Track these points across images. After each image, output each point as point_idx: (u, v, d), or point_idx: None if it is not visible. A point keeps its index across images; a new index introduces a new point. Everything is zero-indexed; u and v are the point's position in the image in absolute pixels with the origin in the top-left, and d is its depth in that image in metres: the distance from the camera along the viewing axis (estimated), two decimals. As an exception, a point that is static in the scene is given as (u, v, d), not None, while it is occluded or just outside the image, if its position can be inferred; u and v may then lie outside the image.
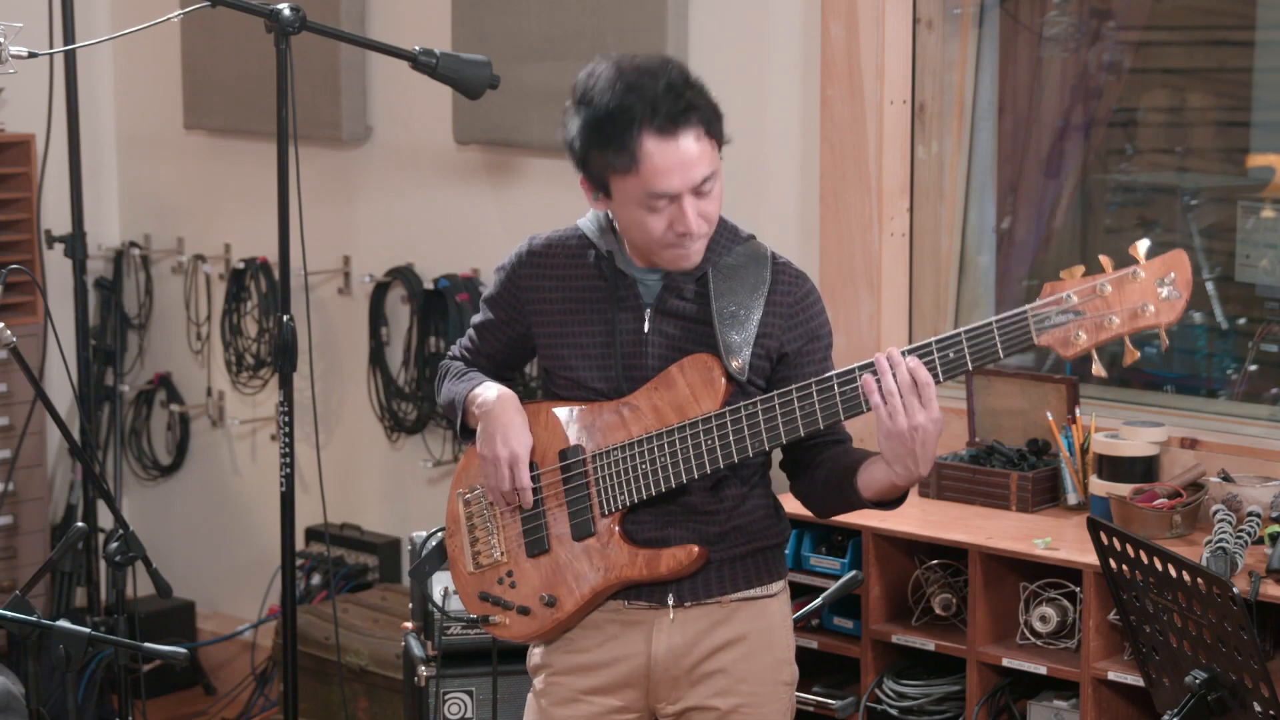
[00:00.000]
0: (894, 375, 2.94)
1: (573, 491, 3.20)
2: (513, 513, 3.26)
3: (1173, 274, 2.87)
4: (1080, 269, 2.90)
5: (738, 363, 3.11)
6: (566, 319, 3.22)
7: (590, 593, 3.20)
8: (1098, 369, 2.91)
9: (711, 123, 3.05)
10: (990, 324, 2.92)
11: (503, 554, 3.27)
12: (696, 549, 3.16)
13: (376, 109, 5.68)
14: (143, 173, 6.31)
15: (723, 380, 3.11)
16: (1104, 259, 2.90)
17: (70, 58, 5.32)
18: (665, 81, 3.02)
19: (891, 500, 3.11)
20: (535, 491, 3.23)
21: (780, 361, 3.16)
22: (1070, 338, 2.89)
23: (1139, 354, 2.88)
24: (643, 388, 3.16)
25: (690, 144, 3.02)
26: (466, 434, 3.32)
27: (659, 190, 3.03)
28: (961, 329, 2.94)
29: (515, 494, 3.22)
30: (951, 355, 2.94)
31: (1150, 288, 2.87)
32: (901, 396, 2.94)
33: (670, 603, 3.20)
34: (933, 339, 2.97)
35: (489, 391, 3.26)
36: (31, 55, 4.05)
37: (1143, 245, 2.89)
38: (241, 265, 5.92)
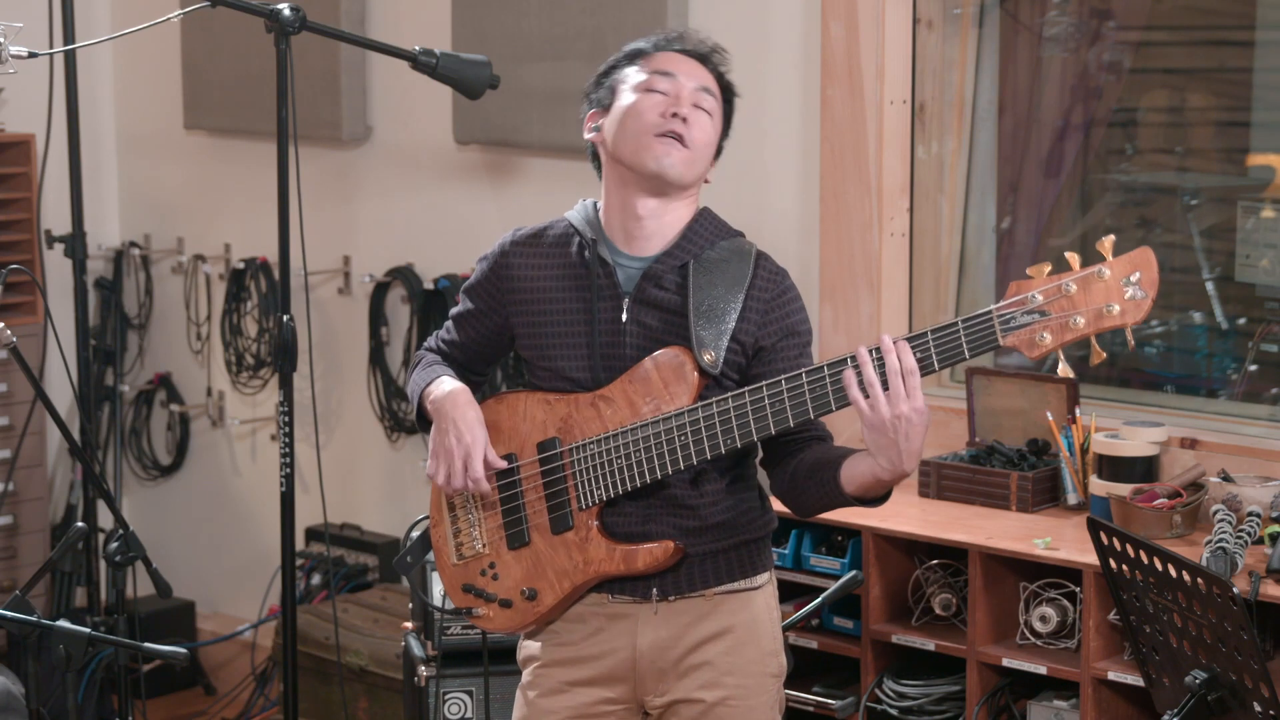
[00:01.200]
0: (875, 366, 2.93)
1: (551, 484, 3.21)
2: (493, 504, 3.26)
3: (1138, 273, 2.85)
4: (1047, 266, 2.88)
5: (710, 356, 3.11)
6: (546, 306, 3.23)
7: (570, 587, 3.20)
8: (1064, 369, 2.90)
9: (720, 70, 3.24)
10: (956, 324, 2.91)
11: (484, 545, 3.28)
12: (673, 545, 3.16)
13: (376, 109, 5.68)
14: (143, 173, 6.32)
15: (695, 374, 3.12)
16: (1070, 256, 2.88)
17: (70, 58, 5.32)
18: (699, 37, 3.29)
19: (874, 498, 3.09)
20: (515, 484, 3.24)
21: (755, 356, 3.16)
22: (1035, 339, 2.87)
23: (1105, 355, 2.87)
24: (618, 380, 3.16)
25: (701, 68, 3.22)
26: (424, 425, 3.34)
27: (664, 68, 3.19)
28: (929, 328, 2.93)
29: (470, 486, 3.22)
30: (918, 355, 2.93)
31: (1116, 287, 2.85)
32: (886, 386, 2.92)
33: (654, 596, 3.21)
34: (899, 337, 2.95)
35: (442, 386, 3.29)
36: (31, 55, 4.05)
37: (1109, 241, 2.87)
38: (241, 265, 5.92)
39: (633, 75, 3.21)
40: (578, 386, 3.20)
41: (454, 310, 3.39)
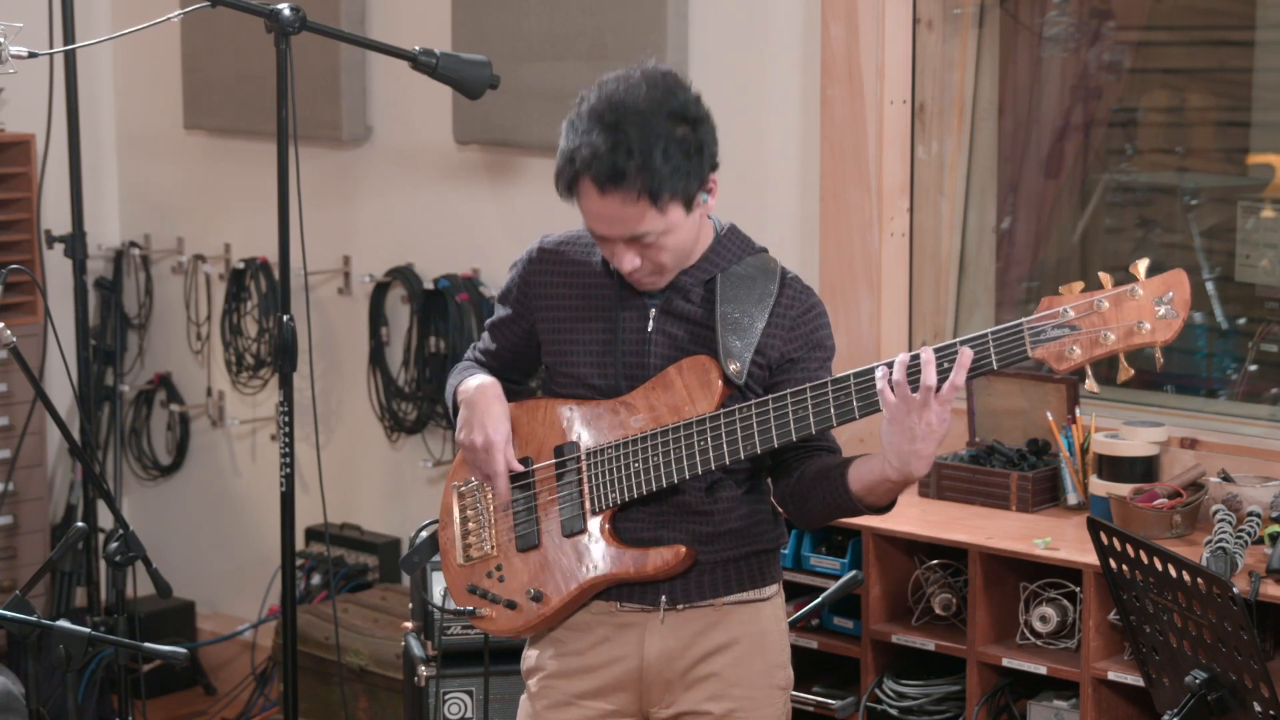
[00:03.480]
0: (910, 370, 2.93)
1: (565, 488, 3.21)
2: (505, 506, 3.26)
3: (1171, 293, 2.87)
4: (1079, 285, 2.90)
5: (735, 366, 3.11)
6: (571, 314, 3.24)
7: (577, 589, 3.20)
8: (1091, 384, 2.91)
9: (658, 187, 3.04)
10: (986, 335, 2.92)
11: (493, 547, 3.28)
12: (684, 549, 3.16)
13: (376, 109, 5.68)
14: (143, 173, 6.32)
15: (719, 383, 3.12)
16: (1103, 276, 2.90)
17: (70, 58, 5.32)
18: (620, 139, 3.03)
19: (878, 504, 3.08)
20: (529, 486, 3.24)
21: (780, 368, 3.17)
22: (1065, 352, 2.89)
23: (1132, 372, 2.88)
24: (640, 387, 3.17)
25: (621, 205, 3.05)
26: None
27: (590, 228, 3.13)
28: (957, 340, 2.94)
29: (491, 481, 3.23)
30: (945, 365, 2.93)
31: (1148, 306, 2.87)
32: (916, 390, 2.91)
33: (663, 605, 3.20)
34: (930, 348, 2.95)
35: (472, 380, 3.30)
36: (31, 55, 4.06)
37: (1143, 264, 2.89)
38: (241, 265, 5.92)
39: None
40: (597, 393, 3.21)
41: (489, 319, 3.40)
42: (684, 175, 3.07)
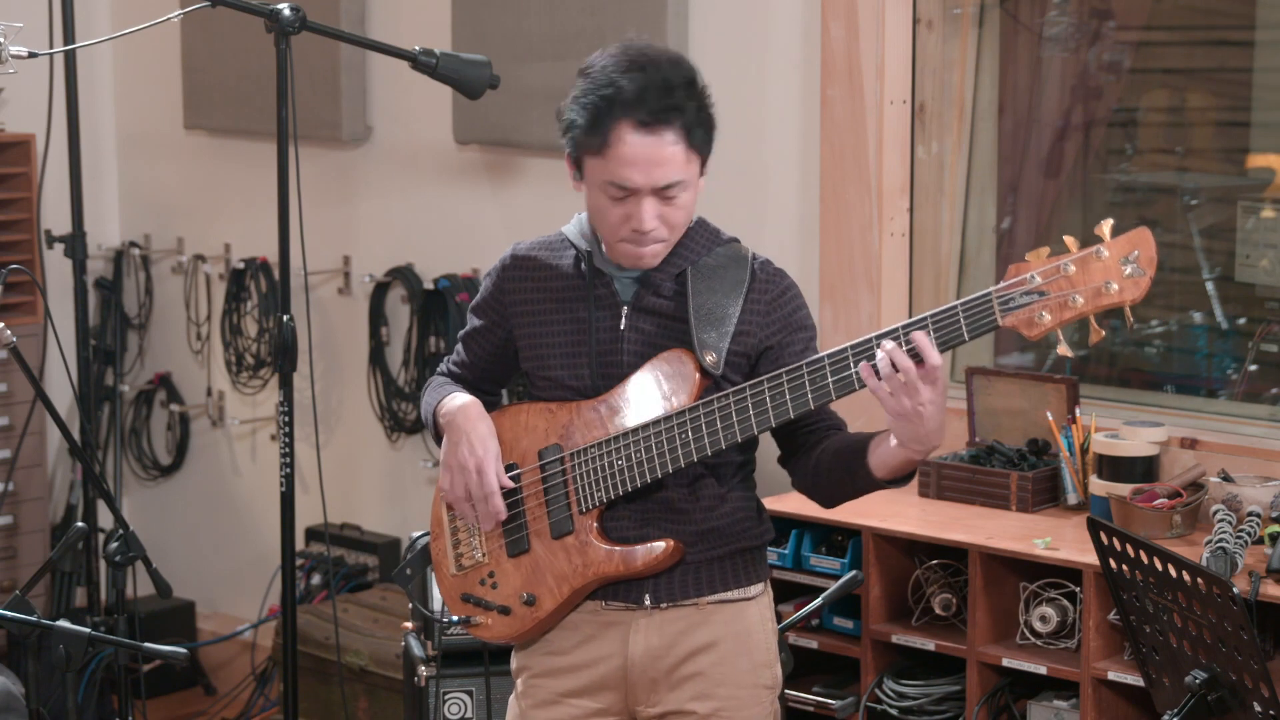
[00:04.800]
0: (892, 360, 2.92)
1: (551, 490, 3.21)
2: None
3: (1136, 251, 2.85)
4: (1045, 250, 2.89)
5: (712, 357, 3.11)
6: (545, 318, 3.23)
7: (570, 591, 3.20)
8: (1064, 349, 2.91)
9: (694, 131, 3.07)
10: (955, 307, 2.93)
11: (484, 555, 3.27)
12: (672, 543, 3.15)
13: (376, 109, 5.68)
14: (143, 173, 6.32)
15: (696, 375, 3.11)
16: (1069, 239, 2.89)
17: (70, 58, 5.32)
18: (661, 76, 3.05)
19: (902, 479, 3.08)
20: (516, 492, 3.23)
21: (762, 357, 3.16)
22: (1034, 318, 2.88)
23: (1104, 333, 2.88)
24: (619, 385, 3.17)
25: (664, 145, 3.05)
26: (440, 442, 3.34)
27: (619, 180, 3.06)
28: (928, 313, 2.94)
29: (486, 501, 3.21)
30: (910, 347, 2.93)
31: (1114, 266, 2.86)
32: (903, 378, 2.91)
33: (647, 603, 3.20)
34: (899, 324, 2.96)
35: (453, 400, 3.29)
36: (31, 55, 4.05)
37: (1107, 224, 2.88)
38: (241, 265, 5.92)
39: (593, 166, 3.09)
40: (576, 395, 3.20)
41: (462, 331, 3.39)
42: (706, 128, 3.09)
